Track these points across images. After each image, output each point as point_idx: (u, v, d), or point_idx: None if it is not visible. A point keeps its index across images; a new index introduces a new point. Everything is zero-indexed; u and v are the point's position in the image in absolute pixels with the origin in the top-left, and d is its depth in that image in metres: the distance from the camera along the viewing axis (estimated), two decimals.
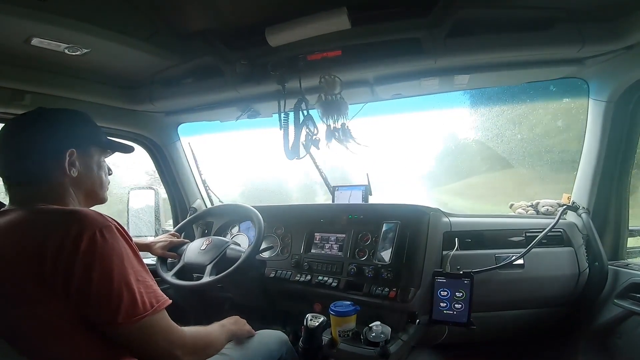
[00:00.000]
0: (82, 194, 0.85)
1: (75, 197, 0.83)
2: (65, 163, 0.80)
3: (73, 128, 0.85)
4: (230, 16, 1.16)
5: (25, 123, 0.81)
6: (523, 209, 1.64)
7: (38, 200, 0.76)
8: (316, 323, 1.10)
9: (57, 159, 0.80)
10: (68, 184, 0.82)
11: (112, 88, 1.46)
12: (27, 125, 0.81)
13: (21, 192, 0.79)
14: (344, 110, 1.27)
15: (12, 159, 0.80)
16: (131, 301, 0.69)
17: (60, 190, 0.81)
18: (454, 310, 1.22)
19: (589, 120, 1.34)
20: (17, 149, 0.79)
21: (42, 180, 0.79)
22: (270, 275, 1.51)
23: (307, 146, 1.30)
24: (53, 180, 0.80)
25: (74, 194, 0.83)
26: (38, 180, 0.79)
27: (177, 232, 1.61)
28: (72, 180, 0.82)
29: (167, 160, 1.89)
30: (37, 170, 0.79)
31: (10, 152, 0.80)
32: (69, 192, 0.82)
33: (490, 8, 1.06)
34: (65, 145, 0.81)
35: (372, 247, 1.38)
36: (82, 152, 0.84)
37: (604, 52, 1.10)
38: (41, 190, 0.78)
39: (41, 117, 0.82)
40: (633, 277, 1.22)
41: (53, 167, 0.79)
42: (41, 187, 0.79)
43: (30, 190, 0.78)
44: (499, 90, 1.67)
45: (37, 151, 0.79)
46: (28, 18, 0.91)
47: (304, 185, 2.49)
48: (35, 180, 0.79)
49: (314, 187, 2.03)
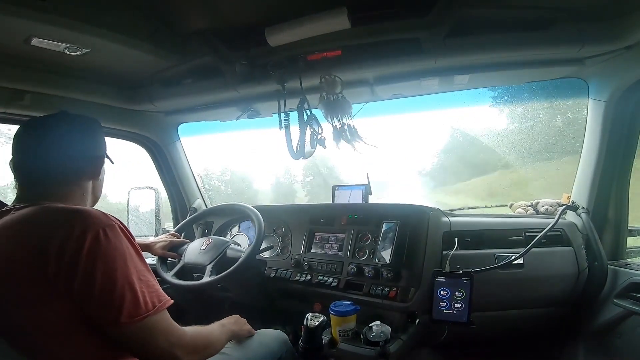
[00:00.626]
0: (93, 196, 0.90)
1: (86, 199, 0.86)
2: (102, 167, 0.87)
3: (102, 135, 0.91)
4: (230, 16, 1.16)
5: (59, 124, 0.82)
6: (523, 209, 1.65)
7: (45, 198, 0.76)
8: (316, 323, 1.10)
9: (96, 164, 0.86)
10: (89, 187, 0.86)
11: (112, 88, 1.46)
12: (60, 126, 0.82)
13: (34, 191, 0.79)
14: (347, 110, 1.27)
15: (40, 157, 0.80)
16: (134, 301, 0.69)
17: (81, 192, 0.84)
18: (454, 310, 1.22)
19: (589, 120, 1.34)
20: (53, 147, 0.80)
21: (68, 182, 0.81)
22: (270, 275, 1.51)
23: (313, 145, 1.30)
24: (81, 182, 0.84)
25: (88, 196, 0.87)
26: (63, 182, 0.81)
27: (177, 232, 1.61)
28: (95, 184, 0.88)
29: (167, 160, 1.89)
30: (67, 173, 0.81)
31: (42, 150, 0.80)
32: (88, 193, 0.86)
33: (490, 8, 1.06)
34: (104, 151, 0.89)
35: (372, 247, 1.38)
36: (105, 158, 0.91)
37: (604, 52, 1.10)
38: (57, 191, 0.79)
39: (76, 121, 0.85)
40: (633, 277, 1.22)
41: (89, 170, 0.85)
42: (61, 188, 0.80)
43: (44, 190, 0.79)
44: (498, 90, 1.67)
45: (78, 152, 0.83)
46: (28, 18, 0.91)
47: (280, 184, 2.46)
48: (58, 182, 0.80)
49: (293, 186, 2.01)
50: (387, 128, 1.96)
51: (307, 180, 2.45)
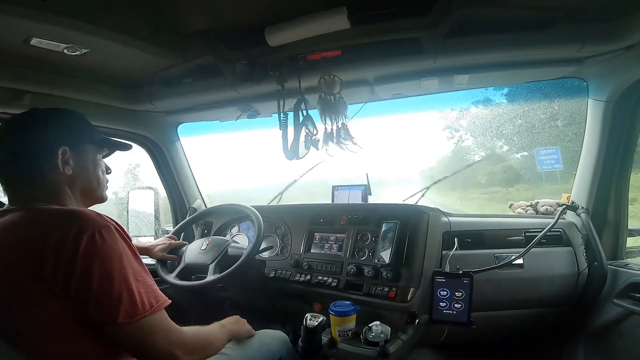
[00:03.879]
0: (78, 193, 0.85)
1: (72, 197, 0.83)
2: (58, 161, 0.80)
3: (65, 126, 0.85)
4: (230, 16, 1.16)
5: (19, 123, 0.82)
6: (522, 209, 1.65)
7: (36, 200, 0.77)
8: (316, 323, 1.10)
9: (50, 158, 0.79)
10: (63, 183, 0.81)
11: (111, 88, 1.46)
12: (20, 125, 0.81)
13: (19, 192, 0.80)
14: (342, 111, 1.27)
15: (6, 159, 0.80)
16: (131, 301, 0.69)
17: (56, 189, 0.81)
18: (454, 310, 1.22)
19: (589, 120, 1.34)
20: (11, 149, 0.80)
21: (38, 179, 0.79)
22: (270, 275, 1.51)
23: (307, 147, 1.30)
24: (48, 180, 0.80)
25: (70, 193, 0.83)
26: (33, 179, 0.79)
27: (177, 232, 1.61)
28: (67, 178, 0.82)
29: (167, 160, 1.89)
30: (32, 170, 0.79)
31: (4, 152, 0.80)
32: (65, 191, 0.82)
33: (490, 8, 1.06)
34: (57, 143, 0.80)
35: (372, 247, 1.38)
36: (76, 150, 0.84)
37: (604, 52, 1.10)
38: (38, 190, 0.78)
39: (34, 117, 0.82)
40: (632, 277, 1.22)
41: (47, 166, 0.80)
42: (37, 186, 0.79)
43: (27, 190, 0.79)
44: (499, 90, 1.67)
45: (30, 150, 0.79)
46: (27, 18, 0.91)
47: (267, 186, 2.45)
48: (31, 180, 0.79)
49: (280, 187, 2.01)
50: (387, 128, 1.97)
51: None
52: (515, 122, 1.82)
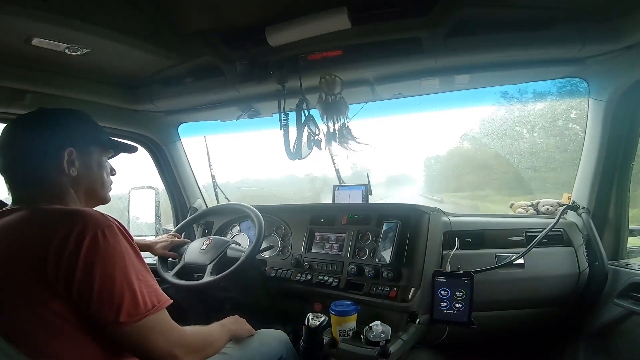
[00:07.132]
0: (82, 194, 0.85)
1: (75, 197, 0.83)
2: (64, 162, 0.80)
3: (72, 127, 0.84)
4: (231, 16, 1.16)
5: (25, 123, 0.82)
6: (523, 209, 1.65)
7: (40, 200, 0.77)
8: (318, 322, 1.10)
9: (56, 158, 0.79)
10: (68, 184, 0.81)
11: (112, 88, 1.47)
12: (26, 126, 0.81)
13: (23, 192, 0.80)
14: (343, 111, 1.27)
15: (12, 159, 0.80)
16: (133, 300, 0.69)
17: (60, 189, 0.81)
18: (455, 310, 1.22)
19: (589, 120, 1.34)
20: (17, 149, 0.80)
21: (43, 180, 0.79)
22: (271, 275, 1.51)
23: (310, 146, 1.30)
24: (53, 180, 0.80)
25: (74, 193, 0.83)
26: (38, 180, 0.79)
27: (178, 232, 1.62)
28: (71, 179, 0.81)
29: (168, 160, 1.89)
30: (37, 170, 0.79)
31: (11, 152, 0.80)
32: (69, 191, 0.82)
33: (490, 7, 1.06)
34: (63, 144, 0.80)
35: (373, 247, 1.38)
36: (82, 151, 0.83)
37: (604, 51, 1.10)
38: (42, 190, 0.79)
39: (40, 117, 0.82)
40: (633, 277, 1.22)
41: (52, 167, 0.79)
42: (42, 187, 0.79)
43: (31, 190, 0.79)
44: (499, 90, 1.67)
45: (36, 151, 0.79)
46: (28, 18, 0.91)
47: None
48: (35, 180, 0.79)
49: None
50: (387, 128, 1.96)
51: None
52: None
